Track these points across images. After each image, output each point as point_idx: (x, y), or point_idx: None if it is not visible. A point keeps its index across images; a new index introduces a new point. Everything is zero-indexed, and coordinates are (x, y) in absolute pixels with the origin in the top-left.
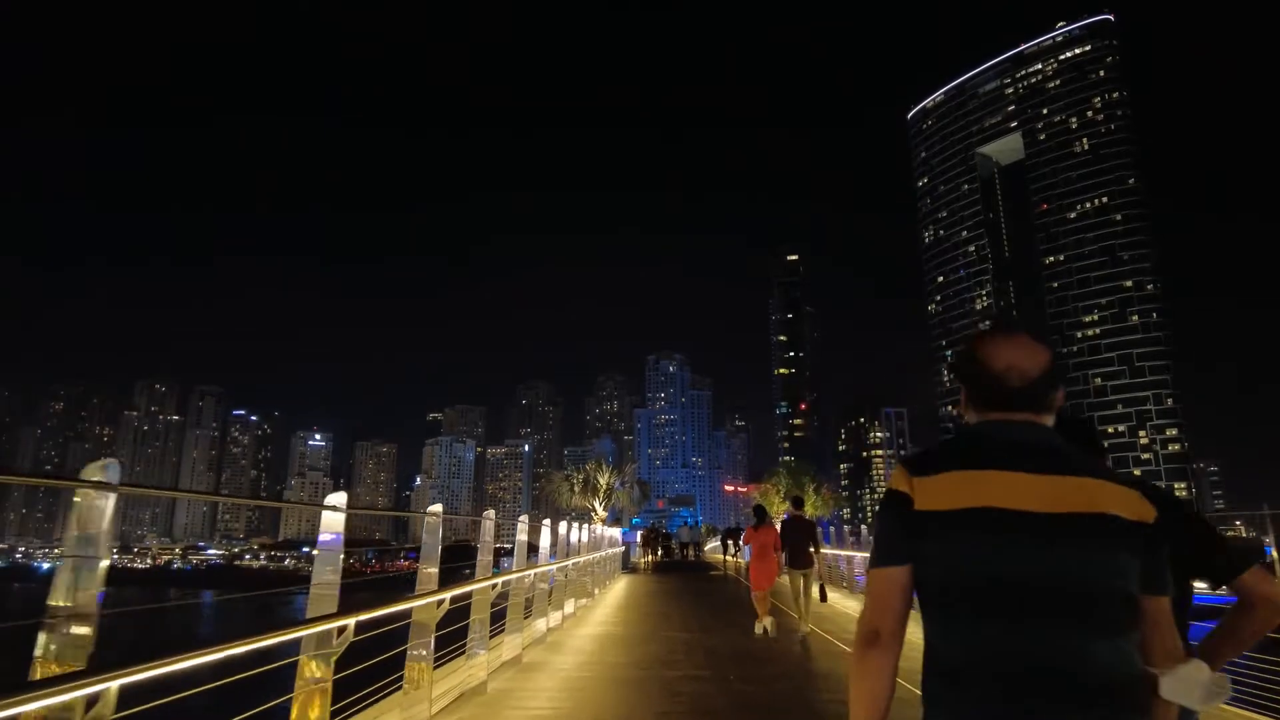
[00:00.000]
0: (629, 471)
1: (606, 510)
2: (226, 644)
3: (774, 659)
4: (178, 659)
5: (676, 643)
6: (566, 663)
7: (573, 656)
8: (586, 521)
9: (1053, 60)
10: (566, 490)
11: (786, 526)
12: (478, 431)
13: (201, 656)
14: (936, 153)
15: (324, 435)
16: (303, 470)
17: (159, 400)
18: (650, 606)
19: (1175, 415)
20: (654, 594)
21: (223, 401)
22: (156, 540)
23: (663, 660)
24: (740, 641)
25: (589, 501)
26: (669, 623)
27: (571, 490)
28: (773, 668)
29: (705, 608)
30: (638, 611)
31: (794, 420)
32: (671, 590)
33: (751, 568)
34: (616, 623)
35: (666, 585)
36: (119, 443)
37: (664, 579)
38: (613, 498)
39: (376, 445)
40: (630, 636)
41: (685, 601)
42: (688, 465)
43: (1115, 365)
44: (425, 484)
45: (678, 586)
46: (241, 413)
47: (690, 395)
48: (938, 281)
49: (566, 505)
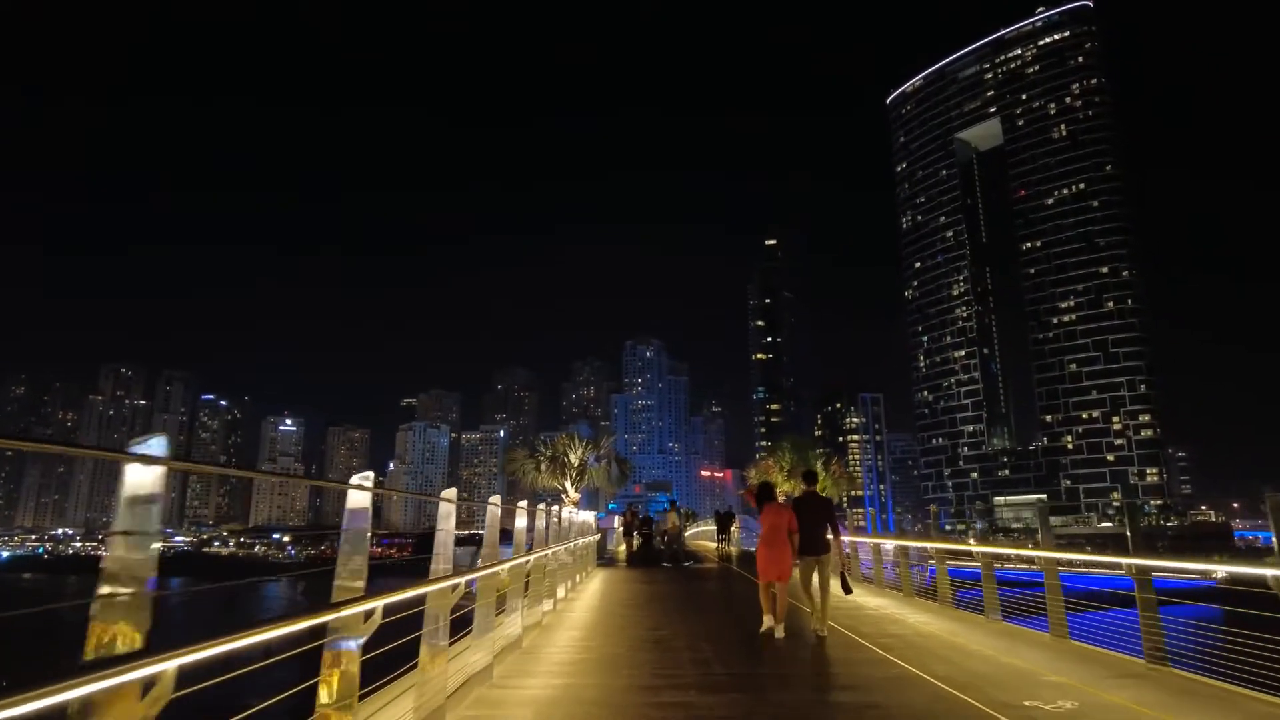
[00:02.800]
0: (605, 446)
1: (579, 491)
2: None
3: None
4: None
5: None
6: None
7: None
8: (558, 504)
9: (1032, 46)
10: (532, 469)
11: (799, 506)
12: (452, 417)
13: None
14: (916, 138)
15: (295, 420)
16: (274, 455)
17: (125, 385)
18: (647, 637)
19: (1149, 401)
20: (644, 604)
21: (191, 386)
22: None
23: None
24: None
25: (558, 482)
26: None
27: (538, 469)
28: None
29: (737, 643)
30: (624, 646)
31: (771, 405)
32: (666, 597)
33: (760, 554)
34: (588, 673)
35: (656, 588)
36: (83, 428)
37: (650, 576)
38: (586, 477)
39: (349, 430)
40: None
41: (698, 623)
42: (664, 451)
43: (1090, 351)
44: (399, 470)
45: (674, 590)
46: (210, 397)
47: (668, 381)
48: (915, 267)
49: (533, 486)
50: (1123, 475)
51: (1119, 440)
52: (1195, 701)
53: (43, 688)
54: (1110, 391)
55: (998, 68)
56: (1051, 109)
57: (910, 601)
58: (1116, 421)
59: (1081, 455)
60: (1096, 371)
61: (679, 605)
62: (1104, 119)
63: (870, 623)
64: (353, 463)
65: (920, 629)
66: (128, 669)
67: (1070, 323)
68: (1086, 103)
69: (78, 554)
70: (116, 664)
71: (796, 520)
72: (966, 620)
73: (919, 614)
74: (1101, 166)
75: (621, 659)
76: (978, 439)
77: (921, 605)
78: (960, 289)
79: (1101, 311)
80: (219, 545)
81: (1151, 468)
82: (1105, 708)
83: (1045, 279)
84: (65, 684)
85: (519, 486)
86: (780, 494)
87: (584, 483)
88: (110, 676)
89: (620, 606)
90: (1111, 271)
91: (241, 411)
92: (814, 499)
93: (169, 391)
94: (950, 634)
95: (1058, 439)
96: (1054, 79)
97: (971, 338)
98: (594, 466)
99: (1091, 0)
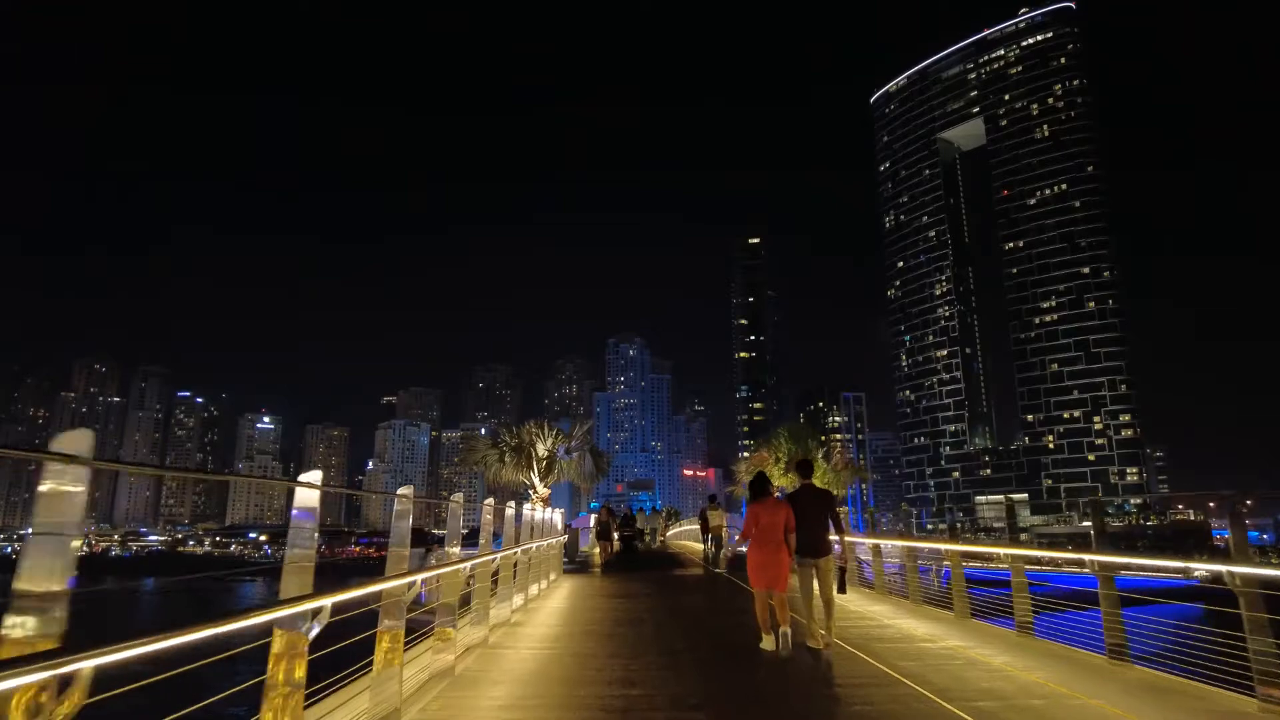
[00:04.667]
0: (579, 436)
1: (549, 486)
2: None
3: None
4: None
5: None
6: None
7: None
8: (525, 500)
9: (1015, 46)
10: (495, 461)
11: (794, 501)
12: (433, 415)
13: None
14: (899, 137)
15: (273, 418)
16: (251, 453)
17: (99, 381)
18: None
19: (1129, 401)
20: (610, 633)
21: (167, 382)
22: (94, 526)
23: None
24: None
25: (525, 476)
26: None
27: (501, 461)
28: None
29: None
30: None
31: (754, 404)
32: (642, 619)
33: (751, 559)
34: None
35: (631, 606)
36: (54, 425)
37: (624, 588)
38: (556, 470)
39: (328, 429)
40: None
41: (687, 669)
42: (647, 450)
43: (1072, 351)
44: (378, 468)
45: (653, 607)
46: (186, 394)
47: (650, 379)
48: (898, 266)
49: (495, 481)
50: (1103, 475)
51: (1099, 440)
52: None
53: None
54: (1091, 391)
55: (981, 68)
56: (1034, 109)
57: (937, 616)
58: (1097, 421)
59: (1063, 455)
60: (1077, 371)
61: (658, 632)
62: (1086, 120)
63: (891, 644)
64: (331, 461)
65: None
66: (33, 669)
67: (1052, 322)
68: (1069, 103)
69: None
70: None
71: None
72: (1000, 638)
73: (944, 630)
74: (1083, 167)
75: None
76: (959, 438)
77: (937, 616)
78: (943, 288)
79: (1083, 311)
80: (194, 544)
81: (1131, 467)
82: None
83: (1027, 279)
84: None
85: (498, 482)
86: (774, 490)
87: (554, 477)
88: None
89: (581, 636)
90: (1093, 272)
91: (218, 408)
92: (812, 492)
93: (144, 388)
94: (989, 659)
95: (1039, 438)
96: (1037, 79)
97: (954, 337)
98: (565, 459)
99: (1074, 2)
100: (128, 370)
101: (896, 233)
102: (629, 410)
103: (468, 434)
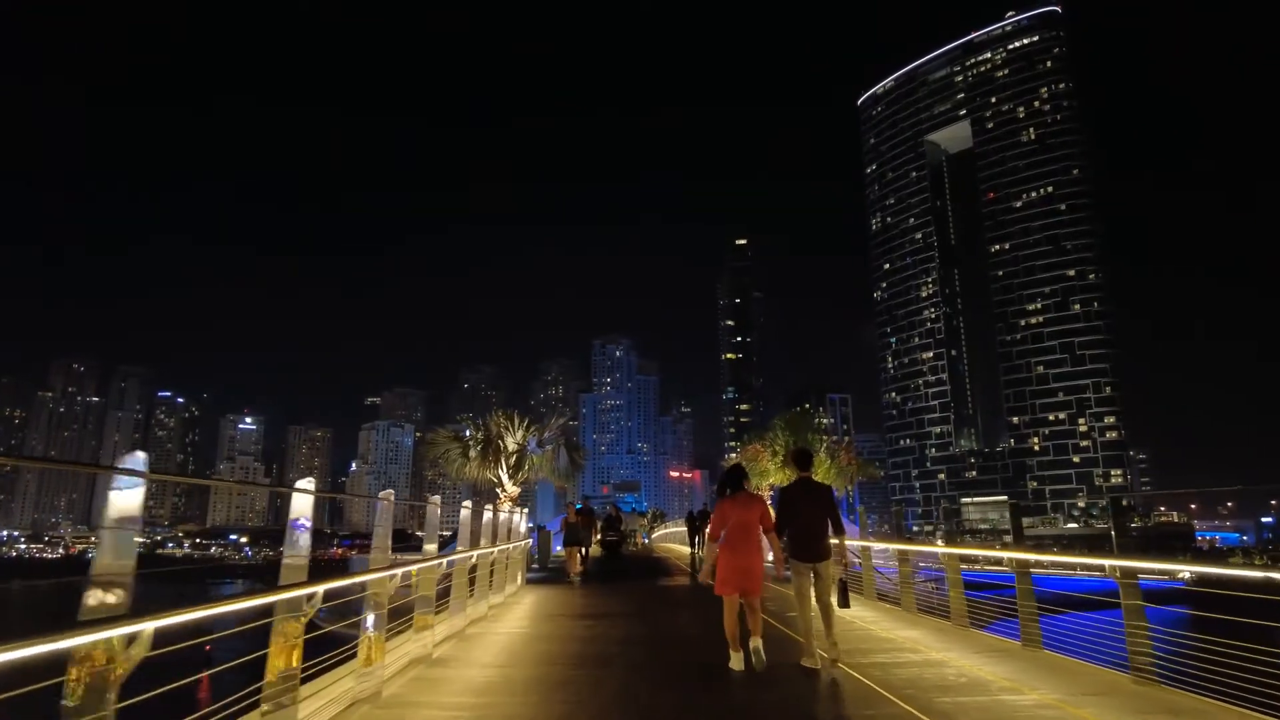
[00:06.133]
0: (554, 426)
1: (518, 484)
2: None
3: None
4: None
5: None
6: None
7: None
8: (495, 499)
9: (1002, 49)
10: (458, 455)
11: (788, 497)
12: (417, 416)
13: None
14: (886, 139)
15: (255, 419)
16: (233, 454)
17: (77, 381)
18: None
19: (1114, 404)
20: (568, 681)
21: (147, 383)
22: (71, 528)
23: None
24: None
25: (492, 472)
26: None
27: (465, 455)
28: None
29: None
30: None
31: (741, 405)
32: (611, 655)
33: (720, 561)
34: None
35: (601, 632)
36: (31, 425)
37: (597, 604)
38: (526, 466)
39: (310, 430)
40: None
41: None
42: (633, 451)
43: (1057, 353)
44: (361, 470)
45: (629, 636)
46: (167, 394)
47: (637, 380)
48: (884, 268)
49: (459, 478)
50: (1088, 477)
51: (1084, 442)
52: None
53: (55, 633)
54: (1076, 394)
55: (968, 70)
56: (1020, 113)
57: (932, 625)
58: (1082, 423)
59: (1048, 457)
60: (1063, 374)
61: (629, 680)
62: (1072, 123)
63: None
64: (314, 462)
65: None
66: (113, 625)
67: (1037, 325)
68: (1055, 107)
69: (21, 557)
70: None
71: (783, 515)
72: (1006, 653)
73: (940, 641)
74: (1069, 170)
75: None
76: (945, 440)
77: (936, 626)
78: (929, 290)
79: (1068, 314)
80: (173, 546)
81: (1116, 469)
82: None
83: (1013, 281)
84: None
85: (463, 480)
86: (765, 487)
87: (524, 474)
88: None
89: (523, 688)
90: (1078, 274)
91: (199, 409)
92: (809, 487)
93: (124, 388)
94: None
95: (1024, 440)
96: (1023, 83)
97: (940, 339)
98: (536, 453)
99: (1060, 6)
100: (107, 370)
101: (883, 235)
102: (615, 411)
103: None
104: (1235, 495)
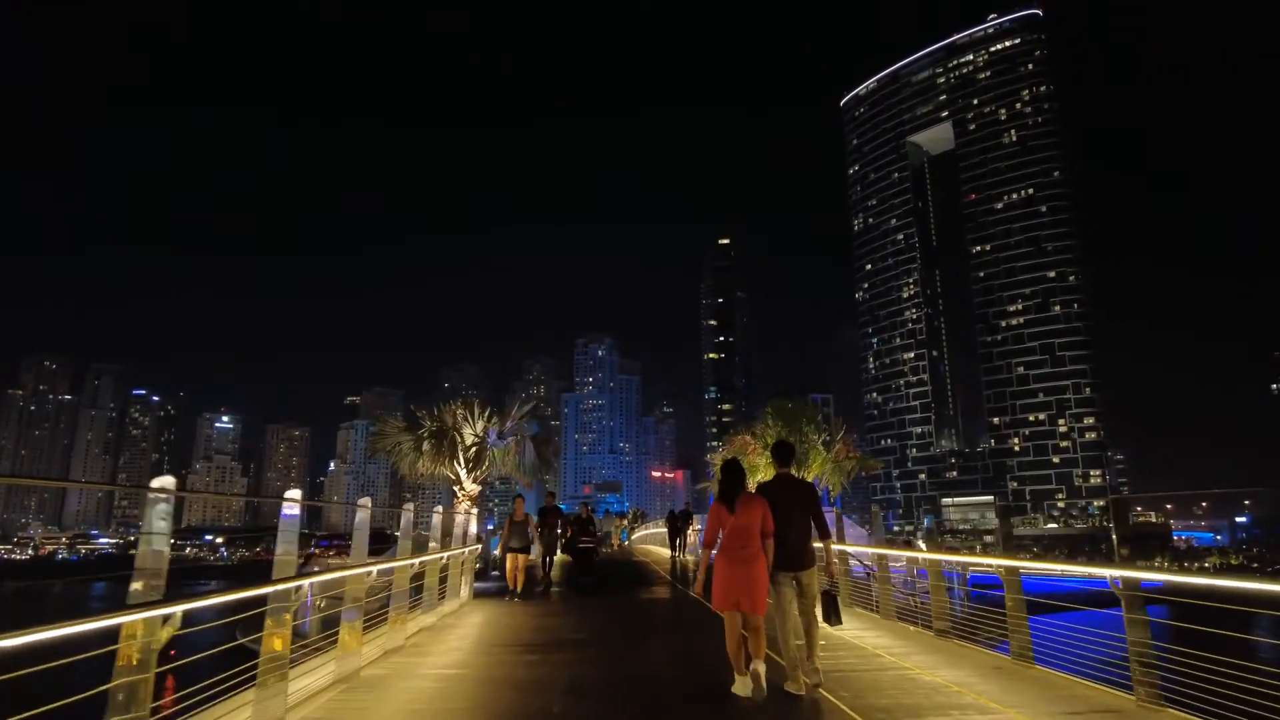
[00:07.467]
0: (517, 416)
1: (476, 480)
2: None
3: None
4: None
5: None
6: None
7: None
8: (453, 498)
9: (984, 51)
10: (410, 448)
11: (768, 495)
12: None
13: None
14: (868, 140)
15: (232, 418)
16: (209, 454)
17: (49, 378)
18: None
19: (1094, 405)
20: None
21: (121, 380)
22: (42, 529)
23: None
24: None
25: (448, 468)
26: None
27: (417, 449)
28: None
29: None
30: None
31: (723, 405)
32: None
33: (717, 572)
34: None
35: (552, 674)
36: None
37: (558, 619)
38: (485, 461)
39: (288, 429)
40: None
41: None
42: (615, 451)
43: (1038, 354)
44: (340, 470)
45: (589, 678)
46: (142, 392)
47: (619, 380)
48: (866, 269)
49: (411, 474)
50: (1067, 477)
51: (1064, 442)
52: None
53: (104, 615)
54: (1056, 394)
55: (950, 72)
56: (1002, 114)
57: (911, 636)
58: (1062, 424)
59: (1028, 457)
60: (1043, 375)
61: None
62: (1053, 125)
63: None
64: (292, 462)
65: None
66: (154, 607)
67: (1018, 326)
68: (1036, 109)
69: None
70: (148, 606)
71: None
72: (997, 669)
73: (931, 658)
74: (1050, 172)
75: None
76: (926, 440)
77: (904, 632)
78: (910, 291)
79: (1049, 315)
80: None
81: (1095, 469)
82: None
83: (994, 282)
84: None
85: (416, 476)
86: (751, 484)
87: (483, 470)
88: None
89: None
90: (1059, 276)
91: (175, 407)
92: (788, 484)
93: (97, 386)
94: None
95: (1005, 441)
96: (1005, 85)
97: (921, 340)
98: (496, 446)
99: (1041, 9)
100: (80, 368)
101: (865, 235)
102: (597, 411)
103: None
104: (1210, 497)
